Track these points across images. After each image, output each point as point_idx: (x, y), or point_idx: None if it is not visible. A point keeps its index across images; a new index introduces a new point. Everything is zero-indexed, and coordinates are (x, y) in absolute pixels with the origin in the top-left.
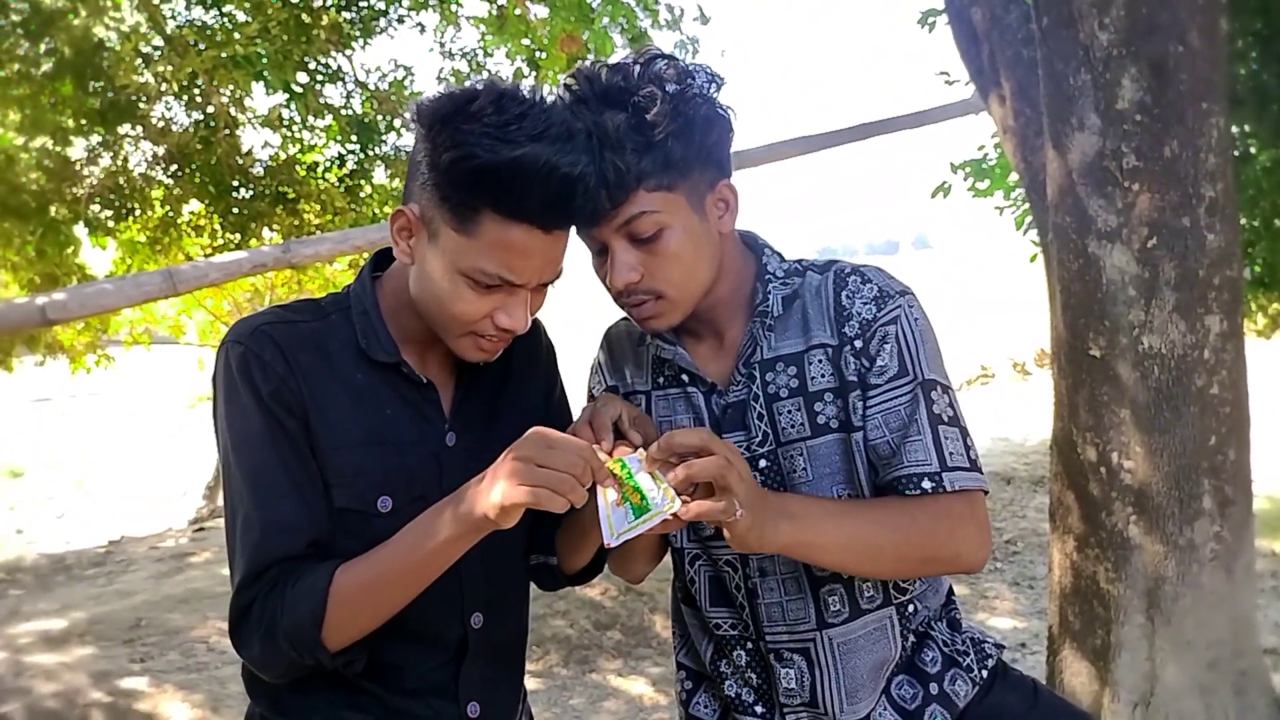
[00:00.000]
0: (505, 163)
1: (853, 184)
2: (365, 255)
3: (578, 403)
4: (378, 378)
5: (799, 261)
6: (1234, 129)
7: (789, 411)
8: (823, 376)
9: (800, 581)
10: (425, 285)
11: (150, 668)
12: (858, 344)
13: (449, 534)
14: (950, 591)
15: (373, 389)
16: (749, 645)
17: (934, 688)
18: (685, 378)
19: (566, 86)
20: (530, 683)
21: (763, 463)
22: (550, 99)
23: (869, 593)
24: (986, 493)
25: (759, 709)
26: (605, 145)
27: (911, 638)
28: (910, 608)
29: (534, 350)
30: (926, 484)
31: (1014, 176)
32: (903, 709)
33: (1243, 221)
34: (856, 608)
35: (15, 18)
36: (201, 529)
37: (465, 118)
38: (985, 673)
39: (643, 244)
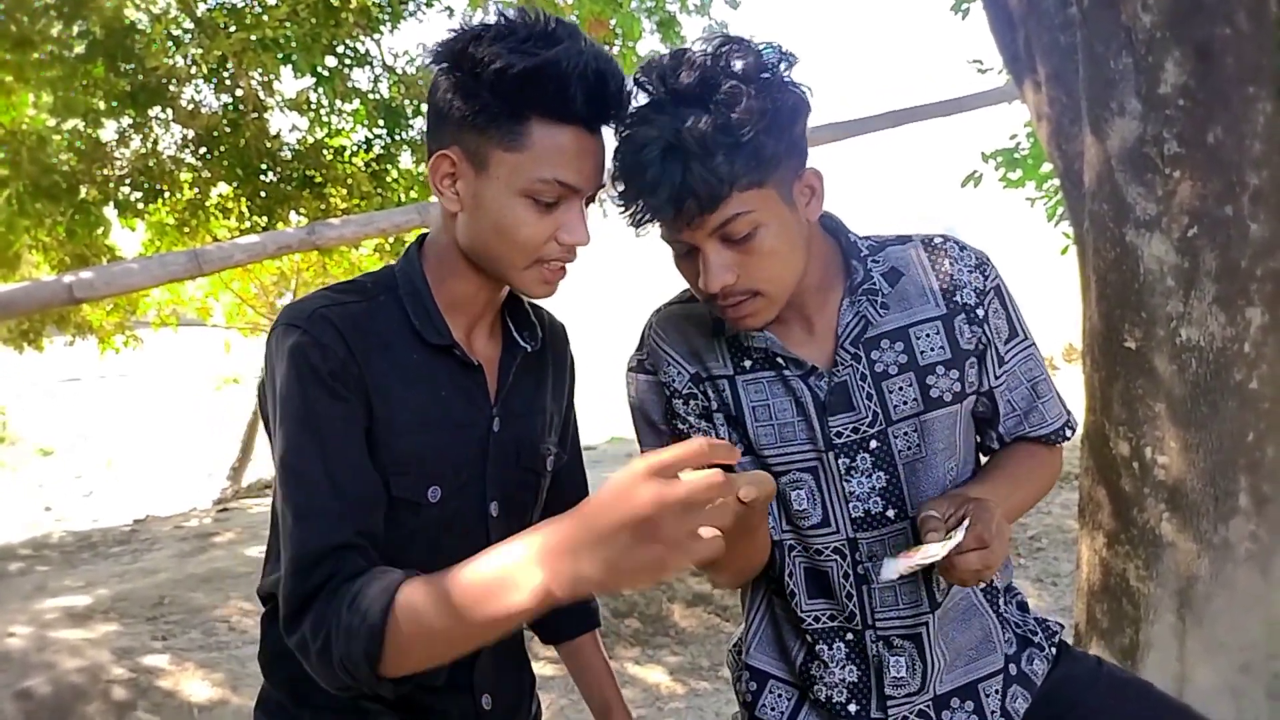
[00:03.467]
0: (544, 63)
1: (882, 172)
2: (390, 239)
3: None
4: (430, 359)
5: (869, 238)
6: None
7: (900, 388)
8: (933, 350)
9: None
10: (482, 222)
11: (172, 645)
12: (978, 312)
13: (528, 607)
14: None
15: (426, 371)
16: (849, 637)
17: (1013, 668)
18: (780, 361)
19: (638, 84)
20: (546, 669)
21: (873, 443)
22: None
23: None
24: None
25: (852, 708)
26: (691, 154)
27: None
28: (991, 579)
29: (564, 351)
30: (1067, 431)
31: (1047, 166)
32: (984, 690)
33: None
34: (948, 585)
35: (48, 0)
36: (225, 509)
37: (490, 40)
38: (1054, 650)
39: (736, 244)
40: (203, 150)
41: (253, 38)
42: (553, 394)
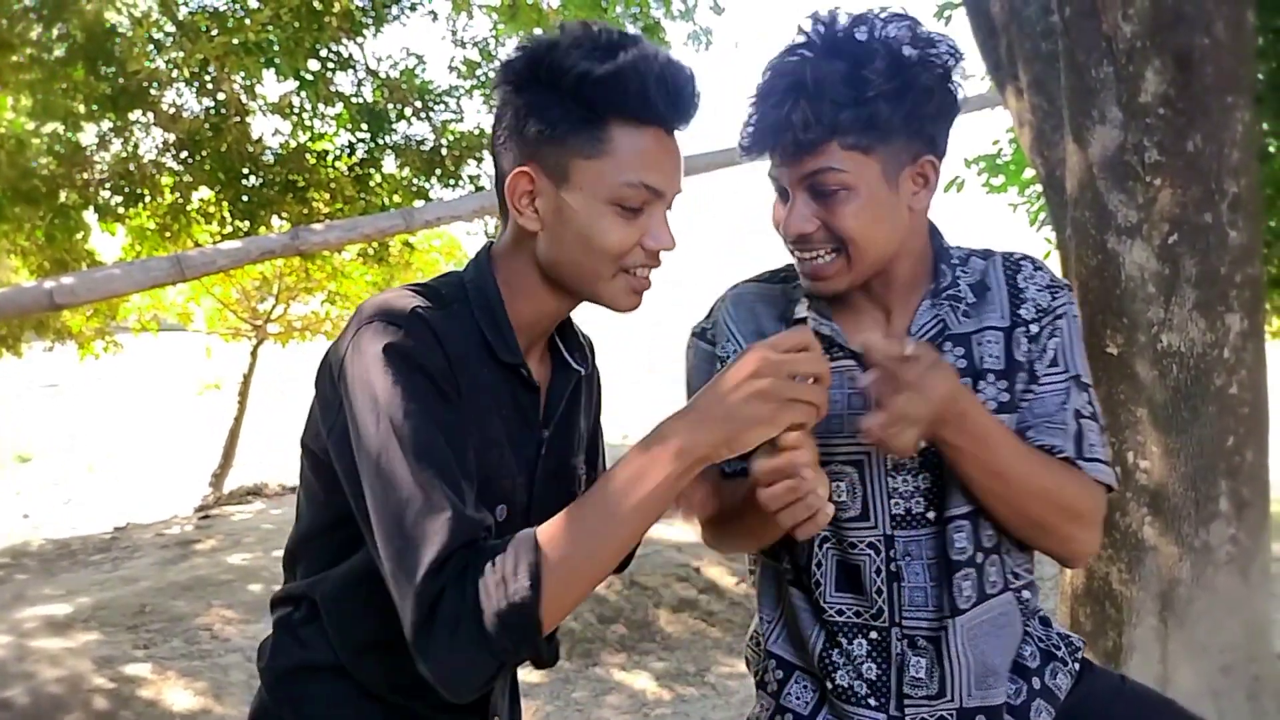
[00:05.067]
0: (623, 66)
1: None
2: (374, 243)
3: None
4: (497, 377)
5: (957, 247)
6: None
7: None
8: (991, 357)
9: (941, 566)
10: (567, 235)
11: (154, 654)
12: (1033, 328)
13: (669, 473)
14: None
15: (495, 388)
16: (872, 634)
17: (1036, 682)
18: (837, 350)
19: (800, 28)
20: (533, 676)
21: (922, 442)
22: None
23: (992, 578)
24: (1111, 489)
25: (872, 701)
26: (806, 92)
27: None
28: (1024, 594)
29: (594, 369)
30: (1088, 466)
31: (1029, 172)
32: (1009, 705)
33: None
34: (982, 593)
35: (29, 2)
36: (207, 516)
37: (565, 49)
38: (1077, 665)
39: (822, 198)
40: (184, 154)
41: (235, 41)
42: (584, 412)
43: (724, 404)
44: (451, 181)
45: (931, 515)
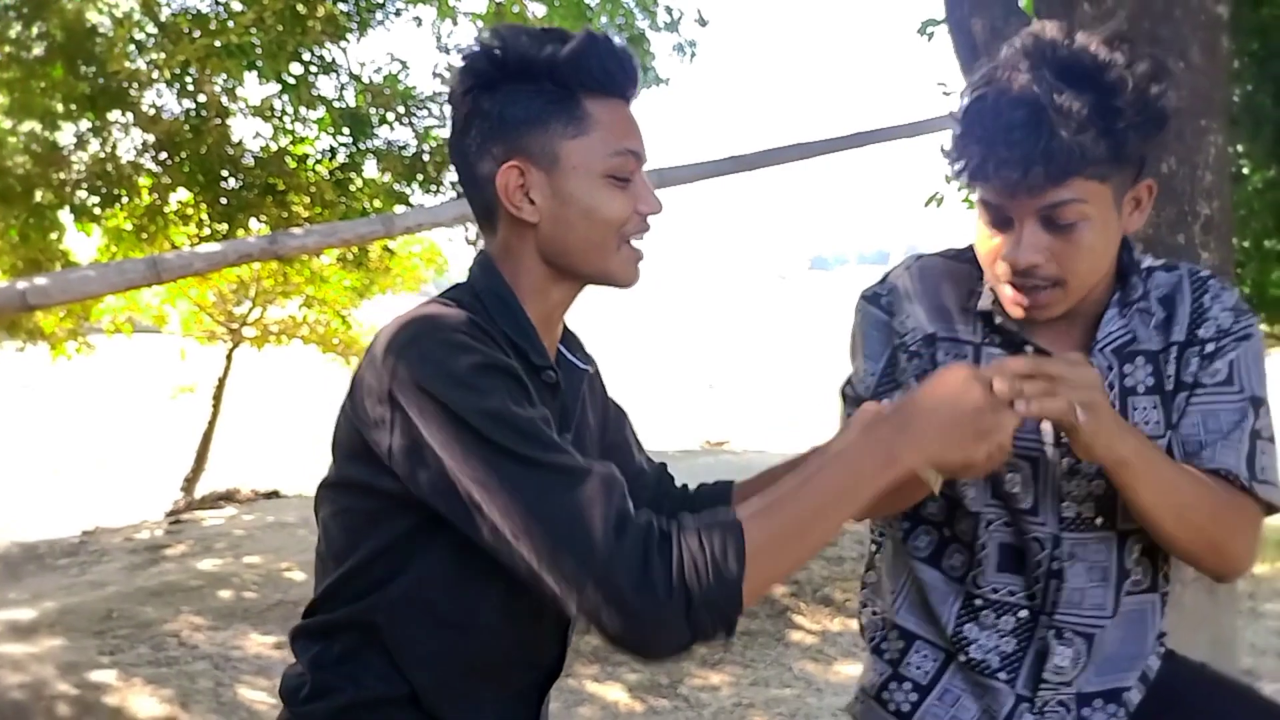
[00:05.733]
0: (582, 43)
1: (846, 192)
2: (353, 248)
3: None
4: (545, 392)
5: (1142, 259)
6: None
7: (1144, 408)
8: (1169, 376)
9: (1107, 571)
10: (569, 216)
11: (120, 660)
12: (1208, 347)
13: (880, 483)
14: None
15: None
16: (1023, 614)
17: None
18: (1029, 349)
19: (1011, 50)
20: None
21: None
22: None
23: (1139, 577)
24: (1276, 509)
25: (1002, 675)
26: (1060, 122)
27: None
28: (1164, 593)
29: (598, 371)
30: (1251, 484)
31: None
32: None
33: (1234, 242)
34: (1134, 590)
35: (8, 0)
36: (178, 521)
37: (522, 44)
38: (1163, 648)
39: (1056, 229)
40: (163, 155)
41: (217, 44)
42: (593, 410)
43: (945, 435)
44: (433, 187)
45: (1100, 521)
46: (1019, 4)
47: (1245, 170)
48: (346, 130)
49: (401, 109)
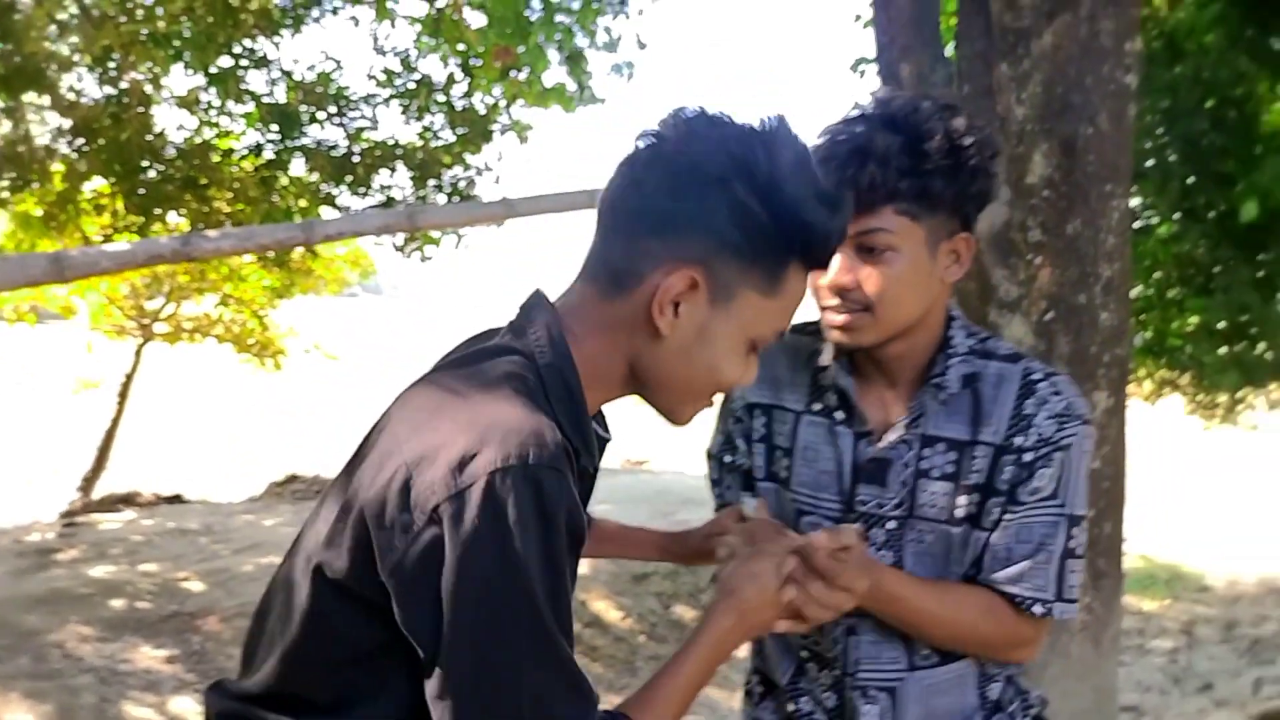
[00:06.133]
0: (825, 211)
1: None
2: (270, 253)
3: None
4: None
5: (985, 340)
6: (1137, 200)
7: (933, 493)
8: (976, 473)
9: (894, 629)
10: (696, 356)
11: None
12: (1026, 456)
13: (719, 663)
14: None
15: None
16: (834, 672)
17: None
18: (840, 415)
19: (857, 105)
20: None
21: (890, 524)
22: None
23: (935, 655)
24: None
25: None
26: (871, 157)
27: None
28: (985, 660)
29: None
30: (1038, 609)
31: None
32: None
33: (1138, 289)
34: (946, 654)
35: None
36: (72, 524)
37: (794, 170)
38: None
39: (869, 257)
40: (79, 142)
41: (143, 31)
42: None
43: (762, 614)
44: (362, 190)
45: None
46: (944, 53)
47: (1153, 221)
48: (275, 127)
49: (333, 108)
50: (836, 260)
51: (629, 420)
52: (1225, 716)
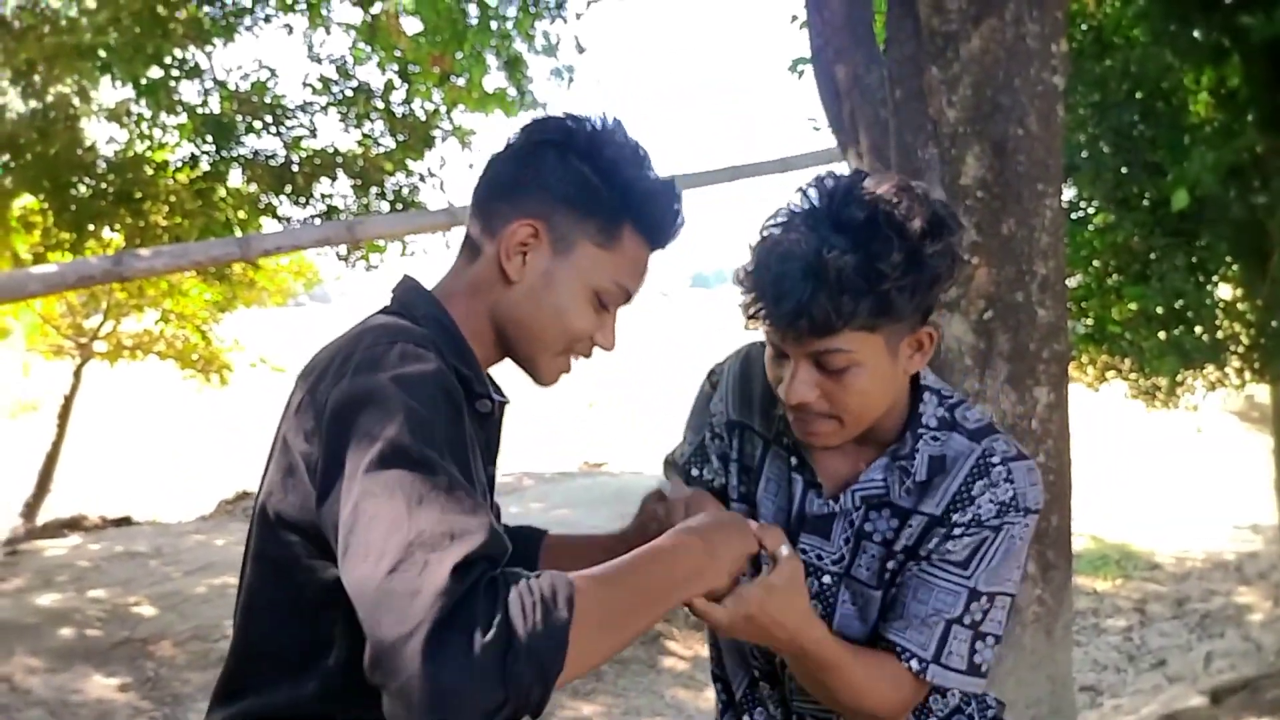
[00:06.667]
0: (661, 190)
1: (726, 209)
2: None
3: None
4: (475, 423)
5: (955, 407)
6: (1071, 191)
7: (870, 555)
8: (908, 539)
9: None
10: (542, 301)
11: None
12: (955, 530)
13: (687, 583)
14: None
15: (475, 435)
16: (780, 692)
17: None
18: (795, 461)
19: (802, 192)
20: None
21: (826, 578)
22: None
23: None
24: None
25: None
26: (823, 282)
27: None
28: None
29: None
30: (914, 664)
31: None
32: None
33: (1078, 279)
34: None
35: None
36: (15, 551)
37: (618, 147)
38: None
39: (828, 372)
40: (5, 158)
41: (68, 42)
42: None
43: (719, 562)
44: (302, 199)
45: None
46: (879, 54)
47: (1089, 212)
48: (210, 138)
49: (270, 118)
50: (794, 376)
51: (587, 424)
52: (1179, 692)
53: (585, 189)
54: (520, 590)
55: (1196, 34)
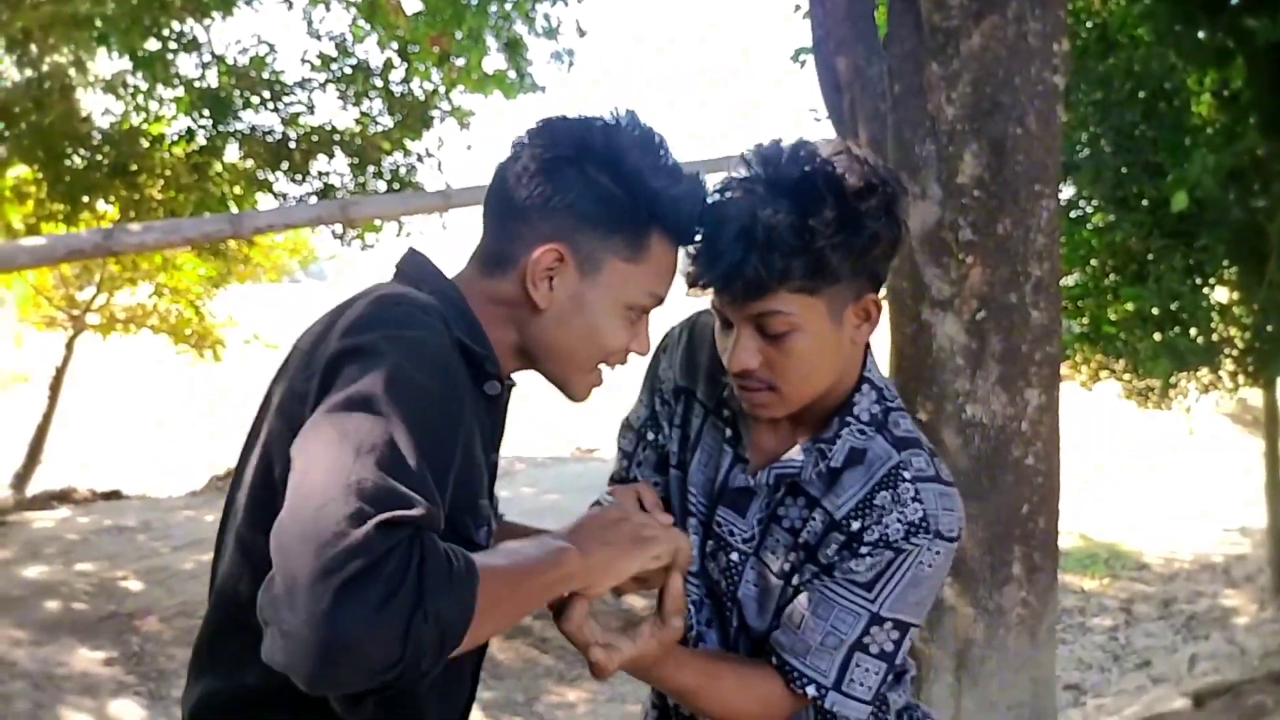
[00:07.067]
0: (686, 192)
1: None
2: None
3: None
4: (474, 395)
5: (889, 412)
6: (1071, 189)
7: (777, 541)
8: (811, 534)
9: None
10: (574, 324)
11: None
12: (862, 550)
13: (558, 584)
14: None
15: (473, 407)
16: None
17: None
18: (729, 433)
19: (743, 158)
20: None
21: (734, 555)
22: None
23: None
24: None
25: None
26: (756, 241)
27: None
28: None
29: None
30: (812, 690)
31: None
32: None
33: (1074, 278)
34: None
35: None
36: (4, 523)
37: (639, 156)
38: None
39: (769, 337)
40: (0, 127)
41: (64, 11)
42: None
43: (606, 540)
44: (299, 176)
45: (716, 623)
46: (880, 47)
47: (1088, 210)
48: (207, 112)
49: (268, 93)
50: (737, 341)
51: (580, 409)
52: (1162, 693)
53: (609, 205)
54: (441, 556)
55: (1201, 35)
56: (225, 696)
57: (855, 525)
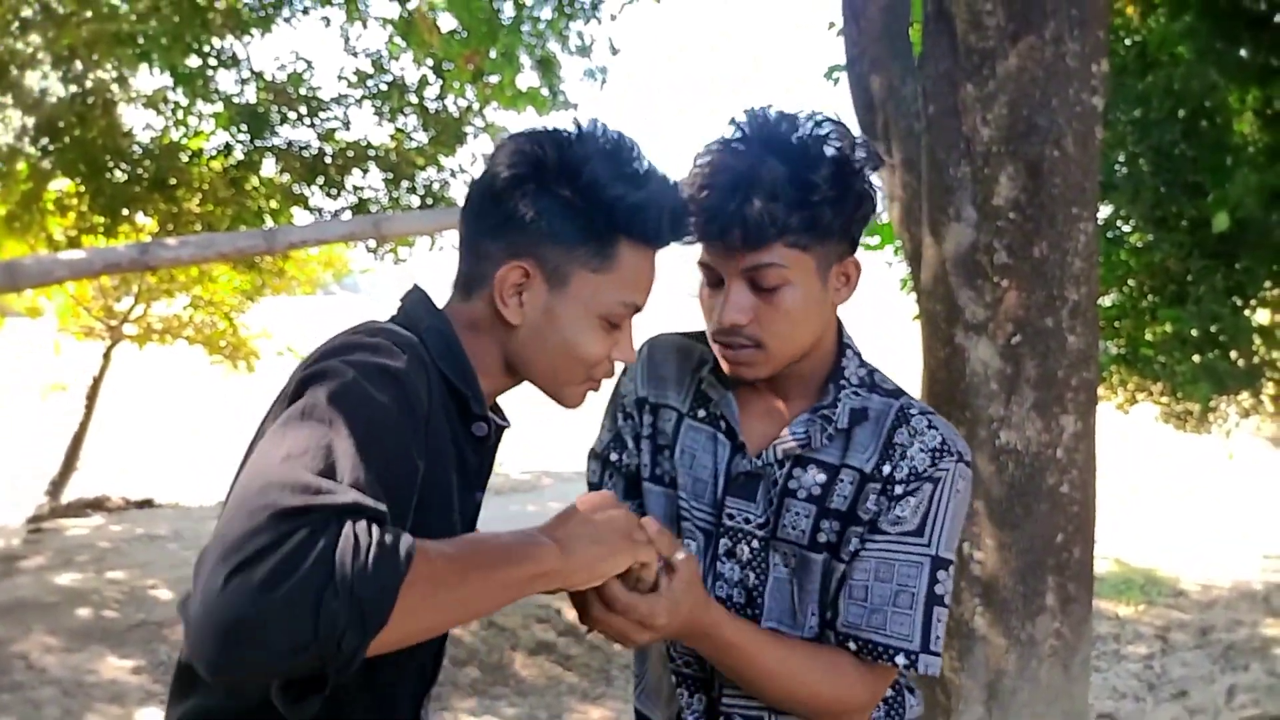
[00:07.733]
0: (650, 197)
1: None
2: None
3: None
4: (453, 435)
5: (872, 373)
6: (1108, 209)
7: (796, 513)
8: (842, 498)
9: None
10: (549, 338)
11: None
12: (896, 489)
13: (530, 581)
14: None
15: (452, 447)
16: (713, 694)
17: None
18: (723, 424)
19: (732, 121)
20: None
21: (755, 542)
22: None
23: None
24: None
25: None
26: (757, 190)
27: None
28: None
29: None
30: (901, 659)
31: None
32: None
33: (1111, 298)
34: None
35: None
36: (39, 529)
37: (597, 164)
38: None
39: (761, 292)
40: (44, 141)
41: (108, 29)
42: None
43: (590, 535)
44: (333, 191)
45: (750, 613)
46: (915, 66)
47: (1125, 230)
48: (244, 127)
49: (304, 109)
50: (728, 296)
51: (582, 424)
52: None
53: (570, 217)
54: (356, 529)
55: (1243, 53)
56: (212, 715)
57: (886, 469)
